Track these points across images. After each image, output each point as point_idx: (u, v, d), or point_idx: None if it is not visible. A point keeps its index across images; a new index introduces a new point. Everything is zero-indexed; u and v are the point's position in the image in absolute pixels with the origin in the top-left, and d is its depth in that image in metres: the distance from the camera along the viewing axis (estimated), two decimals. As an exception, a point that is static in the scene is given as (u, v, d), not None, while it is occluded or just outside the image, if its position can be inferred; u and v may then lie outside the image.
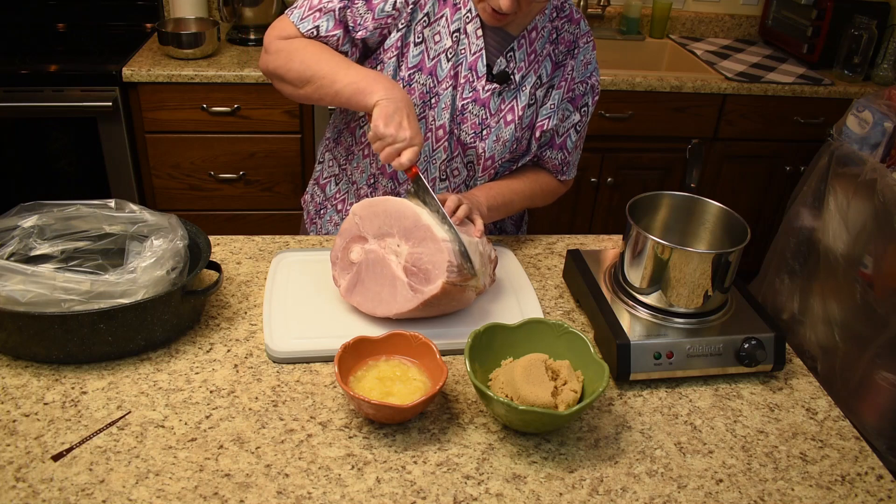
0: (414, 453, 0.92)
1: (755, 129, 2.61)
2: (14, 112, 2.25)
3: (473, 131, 1.29)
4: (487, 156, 1.32)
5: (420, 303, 1.06)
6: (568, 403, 0.93)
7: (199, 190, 2.48)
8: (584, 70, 1.34)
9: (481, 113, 1.29)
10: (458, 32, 1.25)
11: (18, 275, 0.98)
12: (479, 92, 1.27)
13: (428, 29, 1.24)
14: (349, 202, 1.44)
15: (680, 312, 1.10)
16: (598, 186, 2.64)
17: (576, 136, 1.39)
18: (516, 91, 1.29)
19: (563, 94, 1.33)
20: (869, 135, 2.21)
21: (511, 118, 1.30)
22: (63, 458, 0.88)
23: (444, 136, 1.30)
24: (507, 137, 1.31)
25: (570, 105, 1.35)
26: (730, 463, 0.94)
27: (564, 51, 1.32)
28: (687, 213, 1.20)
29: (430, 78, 1.26)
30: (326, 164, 1.48)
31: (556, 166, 1.40)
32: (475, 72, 1.26)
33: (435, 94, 1.27)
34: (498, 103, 1.29)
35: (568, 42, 1.32)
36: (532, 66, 1.29)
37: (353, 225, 1.14)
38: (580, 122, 1.37)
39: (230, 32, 2.60)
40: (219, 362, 1.05)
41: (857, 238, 2.16)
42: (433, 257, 1.06)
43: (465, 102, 1.28)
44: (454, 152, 1.32)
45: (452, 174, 1.35)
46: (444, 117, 1.28)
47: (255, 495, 0.84)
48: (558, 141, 1.37)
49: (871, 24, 2.59)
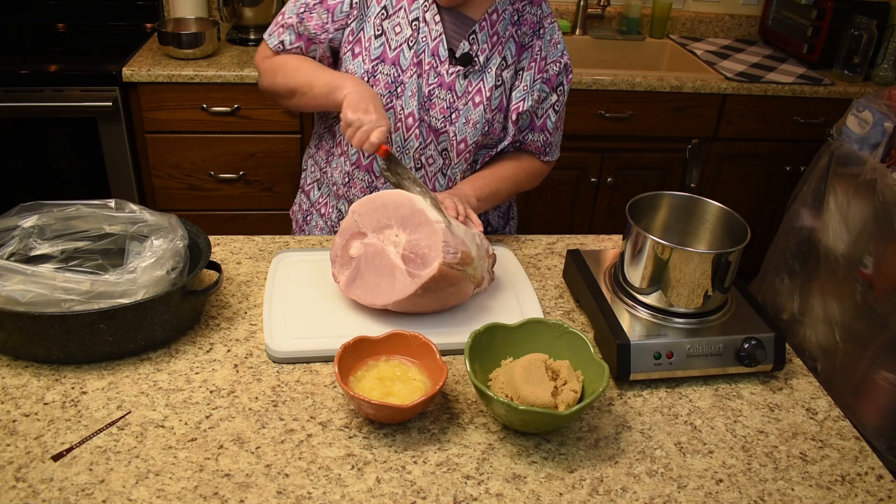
0: (414, 453, 0.92)
1: (755, 129, 2.61)
2: (14, 112, 2.25)
3: (442, 115, 1.32)
4: (459, 139, 1.34)
5: (418, 286, 1.06)
6: (568, 403, 0.93)
7: (199, 190, 2.48)
8: (553, 50, 1.37)
9: (448, 97, 1.32)
10: (416, 21, 1.29)
11: (18, 275, 0.98)
12: (444, 76, 1.31)
13: (387, 21, 1.29)
14: (330, 205, 1.47)
15: (680, 312, 1.10)
16: (598, 186, 2.64)
17: (555, 117, 1.41)
18: (482, 72, 1.32)
19: (535, 75, 1.36)
20: (869, 135, 2.21)
21: (479, 100, 1.32)
22: (63, 458, 0.88)
23: (415, 124, 1.32)
24: (477, 119, 1.33)
25: (545, 86, 1.38)
26: (730, 463, 0.94)
27: (529, 32, 1.35)
28: (687, 213, 1.20)
29: (393, 68, 1.29)
30: (309, 170, 1.53)
31: (538, 148, 1.44)
32: (437, 56, 1.30)
33: (400, 82, 1.30)
34: (465, 86, 1.32)
35: (532, 23, 1.35)
36: (496, 47, 1.32)
37: (353, 223, 1.14)
38: (558, 102, 1.40)
39: (230, 32, 2.60)
40: (219, 362, 1.05)
41: (857, 238, 2.16)
42: (429, 240, 1.07)
43: (431, 88, 1.31)
44: (427, 139, 1.34)
45: (427, 162, 1.37)
46: (411, 105, 1.31)
47: (255, 495, 0.85)
48: (538, 123, 1.40)
49: (871, 24, 2.59)
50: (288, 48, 1.34)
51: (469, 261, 1.10)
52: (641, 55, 2.94)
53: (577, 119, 2.49)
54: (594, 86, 2.44)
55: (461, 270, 1.09)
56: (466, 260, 1.10)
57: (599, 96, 2.46)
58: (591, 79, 2.42)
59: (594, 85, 2.44)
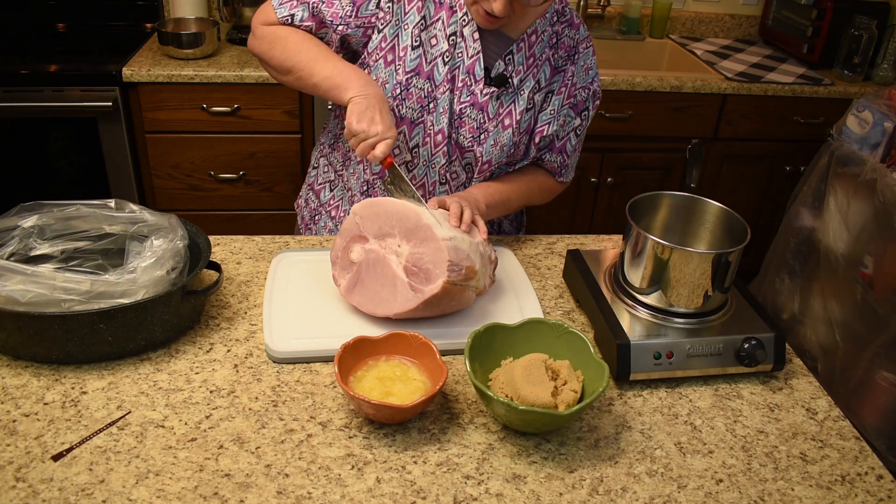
0: (414, 453, 0.92)
1: (755, 129, 2.61)
2: (14, 112, 2.25)
3: (471, 135, 1.29)
4: (485, 160, 1.31)
5: (420, 302, 1.06)
6: (568, 403, 0.93)
7: (199, 190, 2.48)
8: (584, 76, 1.34)
9: (479, 117, 1.28)
10: (454, 36, 1.24)
11: (18, 275, 0.98)
12: (478, 96, 1.27)
13: (424, 32, 1.24)
14: (343, 209, 1.45)
15: (680, 312, 1.10)
16: (598, 186, 2.64)
17: (575, 140, 1.39)
18: (514, 95, 1.29)
19: (564, 100, 1.33)
20: (869, 135, 2.21)
21: (509, 122, 1.29)
22: (63, 458, 0.88)
23: (444, 141, 1.29)
24: (506, 142, 1.30)
25: (571, 111, 1.35)
26: (730, 463, 0.94)
27: (564, 56, 1.32)
28: (687, 213, 1.20)
29: (427, 82, 1.25)
30: (321, 169, 1.48)
31: (555, 168, 1.41)
32: (472, 75, 1.26)
33: (433, 98, 1.26)
34: (496, 107, 1.28)
35: (568, 47, 1.32)
36: (531, 70, 1.29)
37: (354, 224, 1.14)
38: (580, 127, 1.38)
39: (230, 32, 2.60)
40: (219, 362, 1.05)
41: (858, 238, 2.16)
42: (434, 256, 1.06)
43: (463, 106, 1.27)
44: (453, 156, 1.32)
45: (451, 178, 1.35)
46: (442, 122, 1.27)
47: (255, 495, 0.85)
48: (558, 144, 1.37)
49: (871, 24, 2.59)
50: (297, 24, 1.25)
51: (473, 275, 1.10)
52: (641, 55, 2.94)
53: (577, 119, 2.49)
54: (594, 86, 2.43)
55: (465, 285, 1.09)
56: (470, 275, 1.09)
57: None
58: (591, 79, 2.42)
59: (594, 85, 2.43)
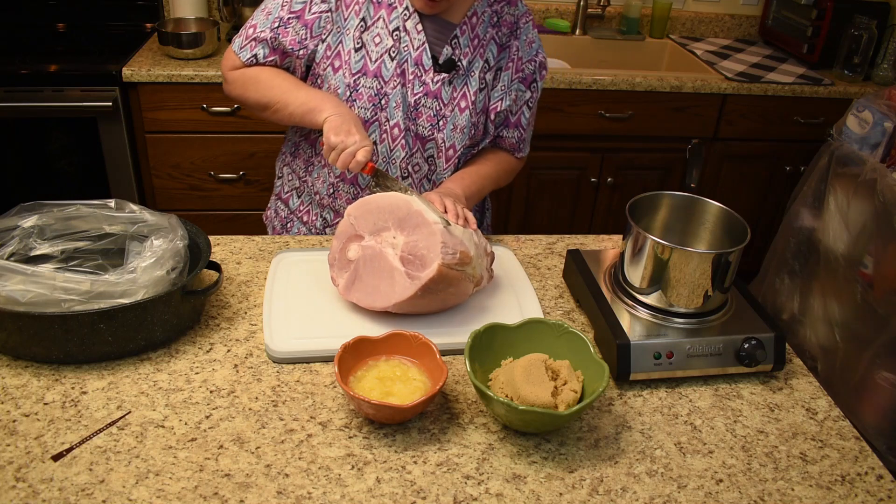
0: (414, 453, 0.92)
1: (755, 129, 2.61)
2: (14, 112, 2.25)
3: (430, 124, 1.32)
4: (448, 145, 1.35)
5: (418, 288, 1.06)
6: (568, 403, 0.93)
7: (199, 190, 2.48)
8: (529, 49, 1.39)
9: (435, 105, 1.32)
10: (398, 31, 1.28)
11: (18, 275, 0.98)
12: (430, 84, 1.30)
13: (366, 33, 1.28)
14: (313, 213, 1.47)
15: (680, 312, 1.10)
16: (598, 186, 2.64)
17: (529, 113, 1.44)
18: (466, 77, 1.33)
19: (513, 75, 1.38)
20: (869, 135, 2.21)
21: (465, 105, 1.33)
22: (63, 458, 0.88)
23: (401, 134, 1.32)
24: (464, 124, 1.34)
25: (521, 85, 1.39)
26: (730, 463, 0.94)
27: (507, 32, 1.36)
28: (687, 213, 1.20)
29: (375, 80, 1.29)
30: (286, 178, 1.51)
31: (513, 144, 1.46)
32: (421, 66, 1.29)
33: (384, 94, 1.29)
34: (450, 92, 1.32)
35: (509, 24, 1.36)
36: (477, 50, 1.33)
37: (349, 226, 1.14)
38: (531, 99, 1.42)
39: (230, 32, 2.60)
40: (219, 362, 1.05)
41: (858, 238, 2.16)
42: (427, 241, 1.07)
43: (417, 97, 1.31)
44: (413, 148, 1.35)
45: (413, 170, 1.37)
46: (396, 116, 1.31)
47: (255, 495, 0.85)
48: (513, 119, 1.42)
49: (871, 24, 2.59)
50: (261, 62, 1.32)
51: (468, 260, 1.10)
52: (641, 55, 2.94)
53: (577, 119, 2.49)
54: (594, 86, 2.44)
55: (460, 270, 1.09)
56: (465, 260, 1.10)
57: (599, 96, 2.46)
58: (591, 79, 2.42)
59: (594, 85, 2.43)
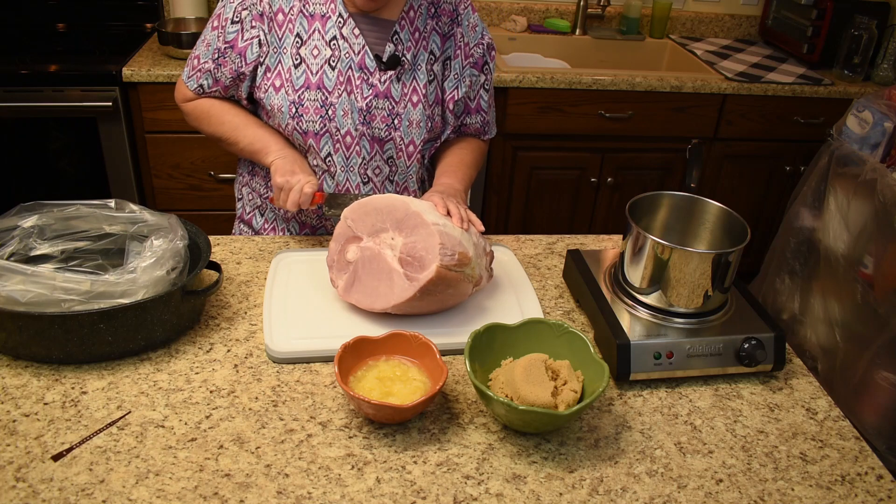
0: (414, 453, 0.92)
1: (755, 129, 2.61)
2: (14, 112, 2.25)
3: (385, 124, 1.33)
4: (407, 142, 1.35)
5: (417, 290, 1.06)
6: (568, 403, 0.93)
7: (199, 190, 2.48)
8: (474, 34, 1.39)
9: (387, 104, 1.32)
10: (335, 39, 1.28)
11: (18, 275, 0.98)
12: (378, 85, 1.31)
13: (303, 48, 1.28)
14: (279, 228, 1.48)
15: (680, 312, 1.10)
16: (598, 186, 2.64)
17: (487, 96, 1.45)
18: (413, 71, 1.33)
19: (463, 61, 1.38)
20: (869, 135, 2.21)
21: (417, 99, 1.33)
22: (63, 458, 0.88)
23: (353, 141, 1.32)
24: (419, 118, 1.34)
25: (474, 70, 1.40)
26: (730, 463, 0.94)
27: (448, 21, 1.37)
28: (687, 213, 1.20)
29: (319, 92, 1.29)
30: (246, 199, 1.52)
31: (478, 129, 1.47)
32: (366, 69, 1.30)
33: (329, 104, 1.30)
34: (400, 89, 1.32)
35: (448, 12, 1.37)
36: (420, 43, 1.33)
37: (346, 228, 1.15)
38: (487, 81, 1.44)
39: (230, 32, 2.60)
40: (219, 362, 1.05)
41: (858, 238, 2.16)
42: (426, 242, 1.07)
43: (368, 100, 1.31)
44: (371, 152, 1.35)
45: (374, 174, 1.37)
46: (346, 124, 1.31)
47: (255, 495, 0.85)
48: (472, 105, 1.44)
49: (871, 24, 2.59)
50: (208, 92, 1.35)
51: (467, 261, 1.10)
52: (641, 55, 2.94)
53: (577, 119, 2.49)
54: (594, 86, 2.44)
55: (459, 271, 1.09)
56: (464, 261, 1.10)
57: (599, 96, 2.46)
58: (591, 79, 2.42)
59: (594, 85, 2.43)
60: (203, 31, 1.34)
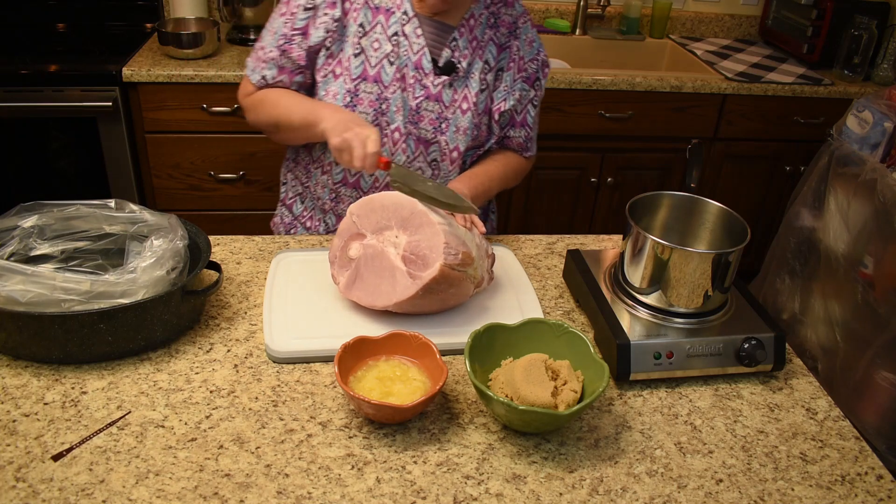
0: (414, 453, 0.92)
1: (755, 129, 2.61)
2: (14, 112, 2.25)
3: (432, 127, 1.33)
4: (451, 147, 1.35)
5: (419, 288, 1.06)
6: (568, 403, 0.93)
7: (199, 190, 2.48)
8: (530, 49, 1.39)
9: (436, 108, 1.32)
10: (396, 35, 1.28)
11: (18, 275, 0.98)
12: (430, 88, 1.31)
13: (364, 39, 1.28)
14: (317, 218, 1.48)
15: (680, 312, 1.10)
16: (598, 186, 2.64)
17: (534, 111, 1.44)
18: (466, 79, 1.33)
19: (516, 74, 1.38)
20: (869, 135, 2.21)
21: (467, 106, 1.33)
22: (63, 458, 0.88)
23: (402, 138, 1.33)
24: (466, 125, 1.34)
25: (525, 84, 1.40)
26: (730, 463, 0.94)
27: (506, 32, 1.37)
28: (687, 213, 1.20)
29: (375, 85, 1.29)
30: (290, 184, 1.53)
31: (520, 144, 1.45)
32: (421, 69, 1.30)
33: (384, 99, 1.30)
34: (451, 95, 1.32)
35: (508, 24, 1.37)
36: (476, 52, 1.33)
37: (351, 224, 1.14)
38: (536, 97, 1.43)
39: (230, 32, 2.60)
40: (219, 362, 1.05)
41: (858, 238, 2.16)
42: (430, 241, 1.07)
43: (418, 101, 1.31)
44: (415, 152, 1.35)
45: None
46: (397, 120, 1.31)
47: (255, 495, 0.85)
48: (518, 118, 1.42)
49: (871, 24, 2.59)
50: (270, 82, 1.33)
51: (469, 261, 1.10)
52: (641, 55, 2.94)
53: (577, 119, 2.49)
54: (594, 86, 2.44)
55: (462, 271, 1.09)
56: (467, 261, 1.10)
57: (599, 96, 2.46)
58: (591, 79, 2.42)
59: (594, 85, 2.43)
60: (268, 22, 1.33)
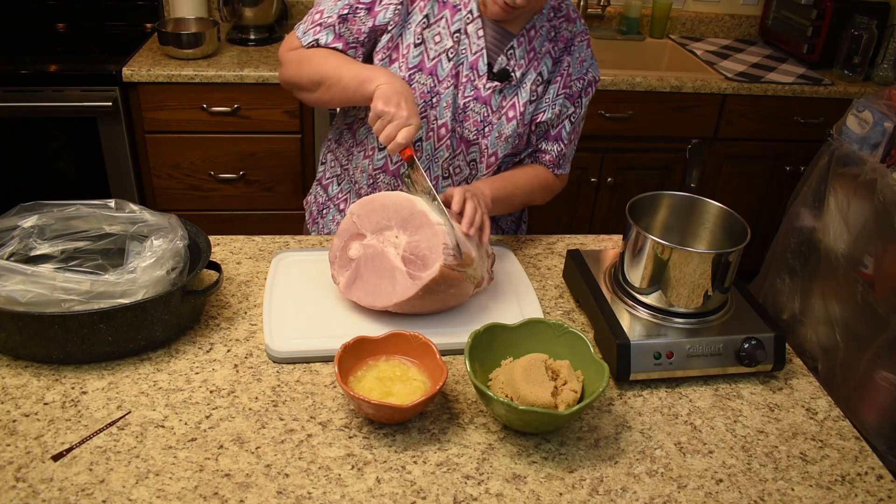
0: (414, 453, 0.92)
1: (755, 129, 2.61)
2: (14, 112, 2.25)
3: (476, 128, 1.32)
4: (490, 152, 1.34)
5: (419, 289, 1.06)
6: (568, 403, 0.93)
7: (199, 190, 2.48)
8: (579, 67, 1.38)
9: (483, 110, 1.31)
10: (458, 33, 1.28)
11: (18, 275, 0.98)
12: (481, 90, 1.30)
13: (427, 30, 1.27)
14: (351, 201, 1.46)
15: (680, 312, 1.10)
16: (598, 186, 2.64)
17: (570, 127, 1.41)
18: (517, 88, 1.32)
19: (560, 89, 1.37)
20: (869, 135, 2.21)
21: (513, 115, 1.33)
22: (63, 458, 0.88)
23: (447, 135, 1.32)
24: (509, 133, 1.33)
25: (567, 101, 1.38)
26: (730, 463, 0.94)
27: (562, 47, 1.36)
28: (687, 213, 1.20)
29: (430, 77, 1.28)
30: (329, 164, 1.51)
31: (552, 159, 1.41)
32: (476, 70, 1.29)
33: (436, 93, 1.29)
34: (499, 100, 1.32)
35: (565, 39, 1.36)
36: (532, 63, 1.32)
37: (351, 224, 1.14)
38: (574, 114, 1.40)
39: (230, 32, 2.60)
40: (219, 362, 1.05)
41: (858, 238, 2.16)
42: (430, 242, 1.07)
43: (466, 101, 1.30)
44: (456, 150, 1.34)
45: (454, 172, 1.37)
46: (445, 116, 1.30)
47: (255, 495, 0.84)
48: (553, 132, 1.40)
49: (871, 24, 2.59)
50: (322, 46, 1.29)
51: (470, 262, 1.10)
52: (641, 55, 2.94)
53: (577, 119, 2.49)
54: (594, 86, 2.44)
55: (462, 272, 1.09)
56: (467, 261, 1.10)
57: (599, 96, 2.46)
58: (591, 79, 2.42)
59: (594, 85, 2.43)
60: None
